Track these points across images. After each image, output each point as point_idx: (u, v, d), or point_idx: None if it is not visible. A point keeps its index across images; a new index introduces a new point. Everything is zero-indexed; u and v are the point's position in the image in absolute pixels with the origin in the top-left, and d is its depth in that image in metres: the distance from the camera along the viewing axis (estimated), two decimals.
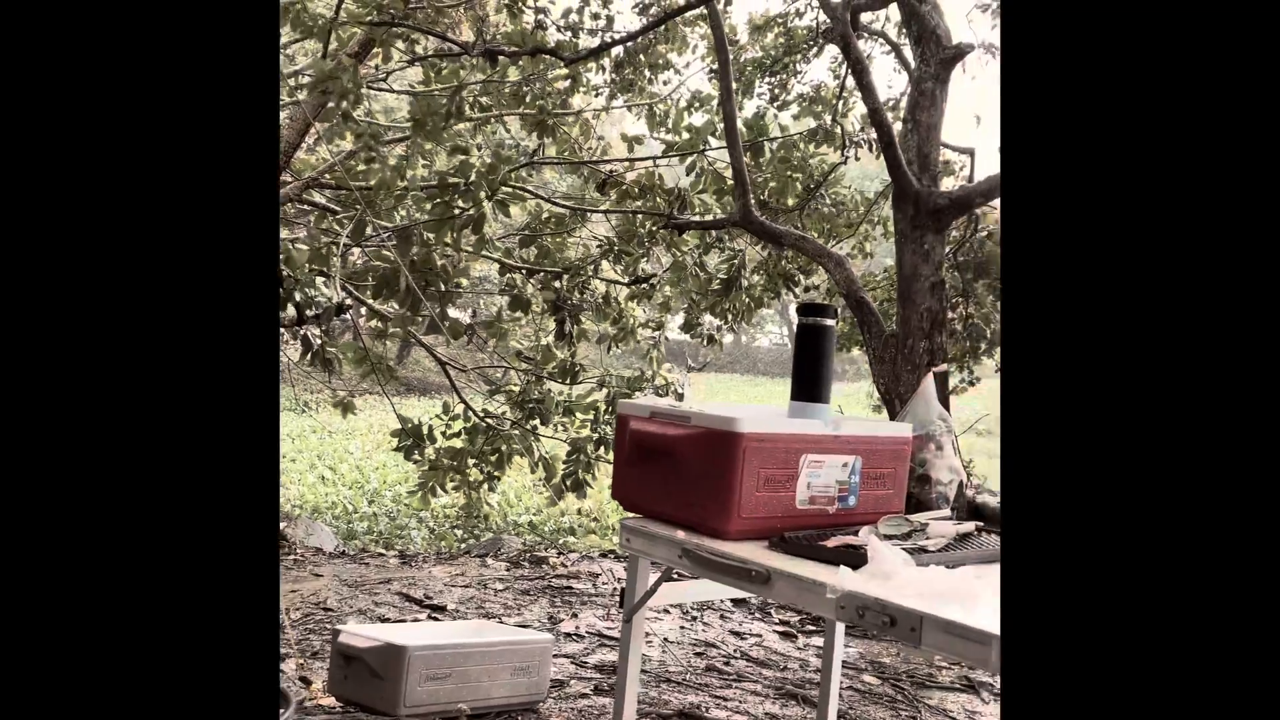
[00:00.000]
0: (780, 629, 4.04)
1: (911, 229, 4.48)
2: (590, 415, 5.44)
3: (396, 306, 4.58)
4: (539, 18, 5.75)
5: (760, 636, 3.93)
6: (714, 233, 5.68)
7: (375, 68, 5.83)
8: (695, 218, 5.42)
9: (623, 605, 1.85)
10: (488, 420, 5.43)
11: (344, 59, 4.55)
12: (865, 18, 5.93)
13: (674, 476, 1.74)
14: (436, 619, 3.87)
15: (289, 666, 3.01)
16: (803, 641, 3.90)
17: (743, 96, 6.39)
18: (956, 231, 6.29)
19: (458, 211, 4.39)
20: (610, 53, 6.01)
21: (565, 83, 5.69)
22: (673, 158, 5.83)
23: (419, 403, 13.20)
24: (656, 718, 2.94)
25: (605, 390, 5.57)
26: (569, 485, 5.33)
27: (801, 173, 5.90)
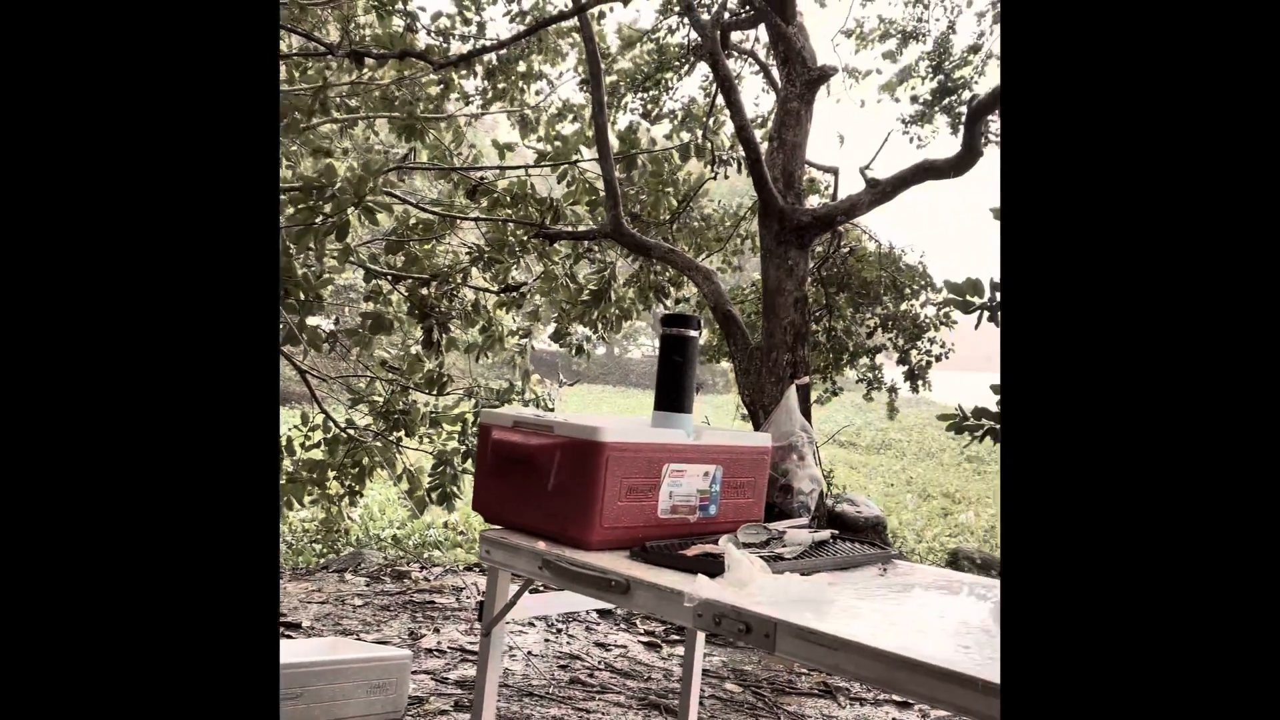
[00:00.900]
0: (645, 640, 4.06)
1: (776, 244, 4.59)
2: (458, 427, 5.34)
3: None
4: (409, 21, 5.64)
5: (625, 648, 3.93)
6: (585, 243, 5.69)
7: None
8: (567, 228, 5.42)
9: (481, 619, 1.81)
10: (349, 432, 5.26)
11: None
12: (735, 37, 6.07)
13: (536, 487, 1.72)
14: (290, 637, 3.72)
15: None
16: (667, 651, 3.92)
17: (615, 109, 6.44)
18: (821, 247, 6.50)
19: (321, 219, 4.25)
20: (483, 60, 5.95)
21: (437, 88, 5.60)
22: (545, 166, 5.82)
23: None
24: None
25: (473, 401, 5.48)
26: (435, 498, 5.22)
27: (672, 186, 5.98)
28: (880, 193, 4.53)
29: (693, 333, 1.89)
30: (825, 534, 1.77)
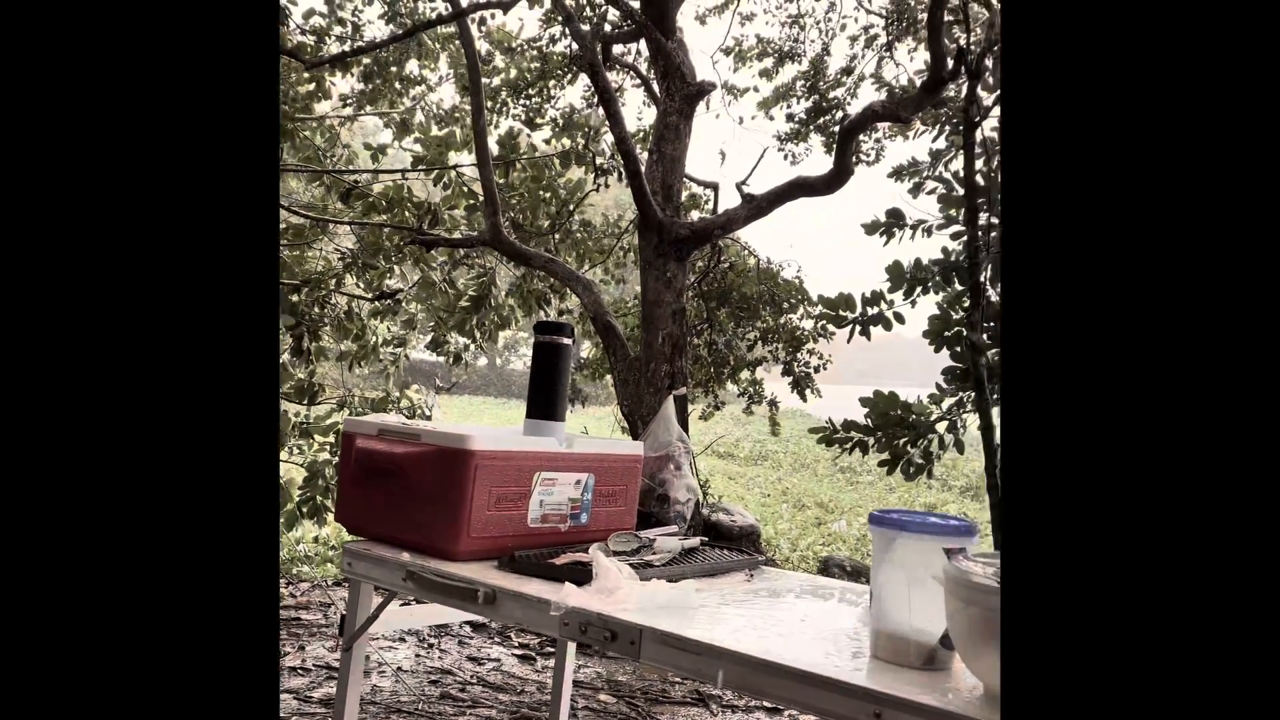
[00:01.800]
0: (519, 652, 4.01)
1: (655, 257, 4.62)
2: (330, 438, 5.17)
3: None
4: (279, 16, 5.46)
5: (498, 660, 3.87)
6: (464, 250, 5.60)
7: None
8: (444, 234, 5.33)
9: (343, 633, 1.75)
10: None
11: None
12: (617, 50, 6.10)
13: (402, 497, 1.67)
14: None
15: None
16: (541, 664, 3.88)
17: (496, 114, 6.38)
18: (702, 262, 6.58)
19: None
20: (360, 61, 5.81)
21: (307, 87, 5.43)
22: (422, 171, 5.71)
23: None
24: None
25: (346, 411, 5.32)
26: (305, 512, 5.03)
27: (551, 193, 5.96)
28: (756, 208, 4.62)
29: (566, 340, 1.87)
30: (695, 541, 1.78)
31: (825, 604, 1.55)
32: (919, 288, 4.08)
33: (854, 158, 4.60)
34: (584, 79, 6.58)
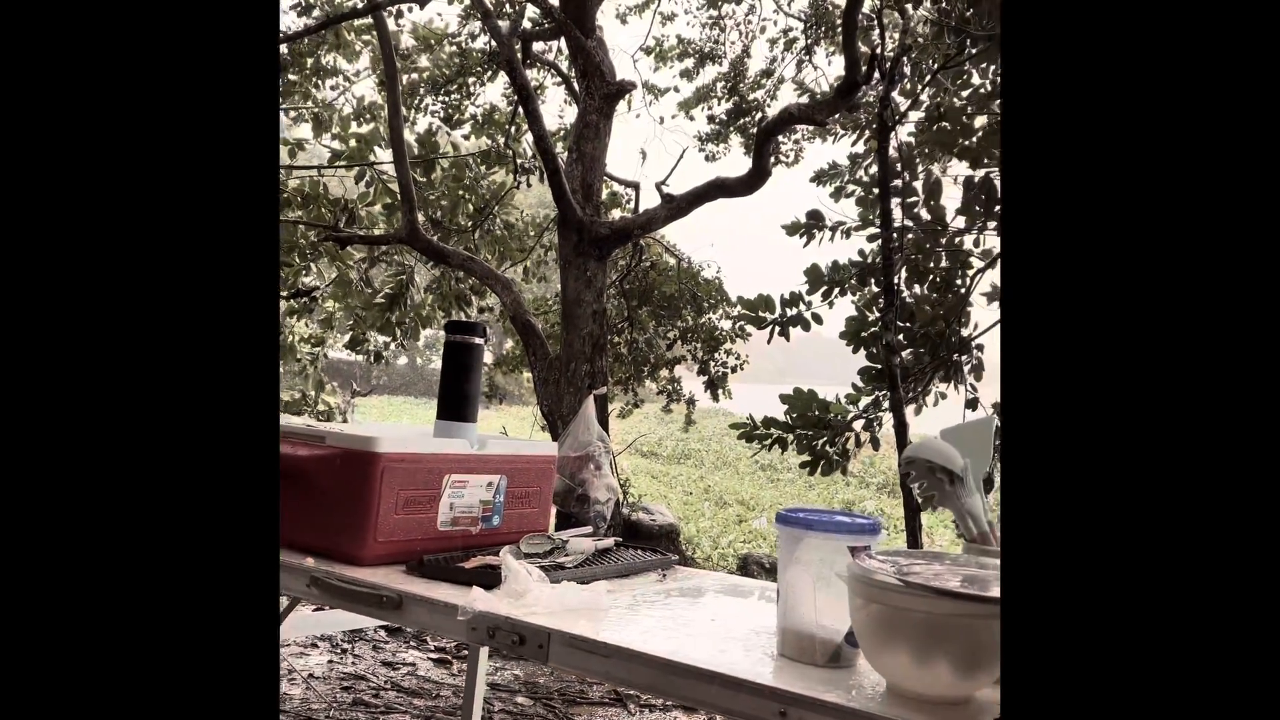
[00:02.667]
0: (435, 656, 3.95)
1: (575, 256, 4.60)
2: None
3: None
4: None
5: (414, 665, 3.81)
6: (381, 248, 5.51)
7: None
8: (360, 232, 5.22)
9: None
10: None
11: None
12: (538, 47, 6.06)
13: (307, 501, 1.63)
14: None
15: None
16: (457, 667, 3.83)
17: (414, 111, 6.28)
18: (623, 261, 6.58)
19: None
20: None
21: None
22: (339, 167, 5.59)
23: None
24: None
25: None
26: None
27: (472, 193, 5.89)
28: (676, 208, 4.63)
29: (478, 340, 1.85)
30: (608, 542, 1.77)
31: (739, 603, 1.56)
32: (836, 289, 4.16)
33: (772, 159, 4.65)
34: (504, 76, 6.52)
